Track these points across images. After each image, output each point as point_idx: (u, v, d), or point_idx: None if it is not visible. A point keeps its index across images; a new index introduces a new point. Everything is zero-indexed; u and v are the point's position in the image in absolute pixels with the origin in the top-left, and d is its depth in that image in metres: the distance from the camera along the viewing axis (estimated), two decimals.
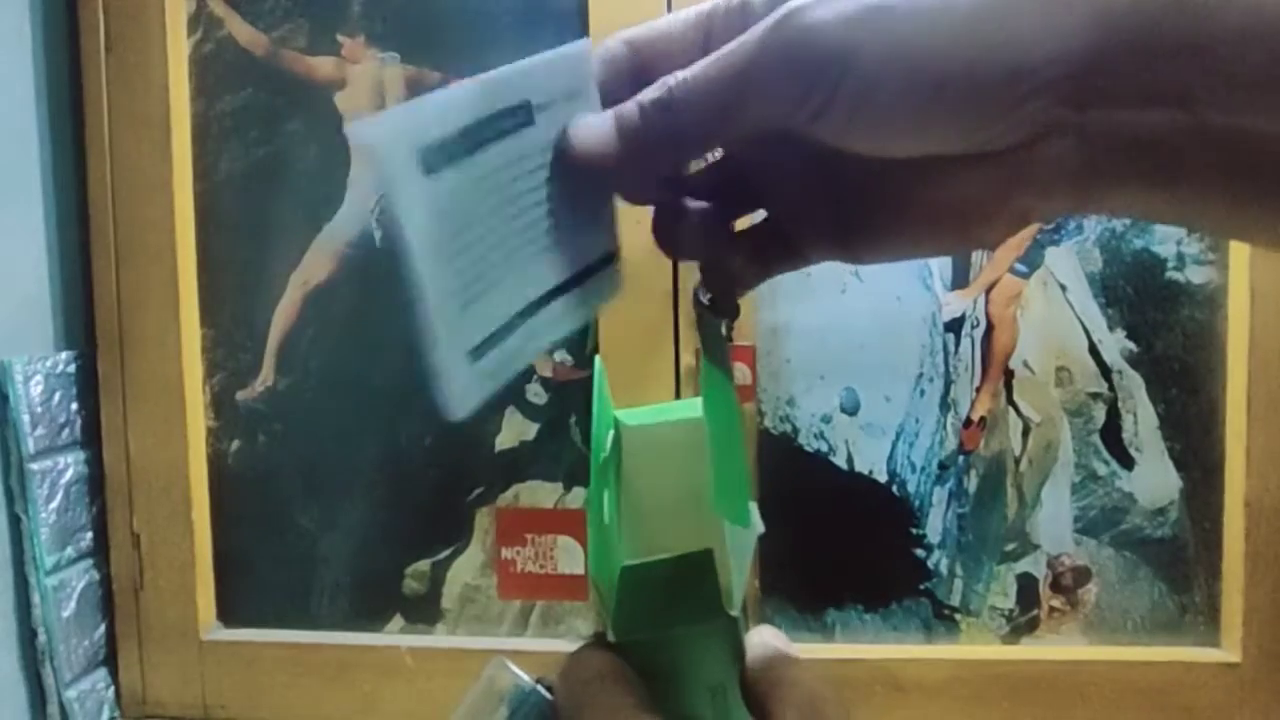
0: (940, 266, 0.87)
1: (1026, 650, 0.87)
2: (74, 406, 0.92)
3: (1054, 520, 0.87)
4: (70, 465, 0.91)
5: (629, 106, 0.28)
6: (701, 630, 0.29)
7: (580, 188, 0.29)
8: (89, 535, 0.93)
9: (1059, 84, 0.24)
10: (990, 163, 0.27)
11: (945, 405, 0.87)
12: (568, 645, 0.29)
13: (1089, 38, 0.24)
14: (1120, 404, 0.86)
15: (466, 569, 0.92)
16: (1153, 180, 0.25)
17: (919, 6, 0.24)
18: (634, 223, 0.33)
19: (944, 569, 0.88)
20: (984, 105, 0.25)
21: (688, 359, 0.86)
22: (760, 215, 0.34)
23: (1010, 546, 0.88)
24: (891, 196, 0.29)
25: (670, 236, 0.32)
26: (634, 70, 0.30)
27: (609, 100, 0.30)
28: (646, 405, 0.34)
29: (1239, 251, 0.83)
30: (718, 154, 0.34)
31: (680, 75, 0.27)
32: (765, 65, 0.26)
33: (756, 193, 0.33)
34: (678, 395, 0.87)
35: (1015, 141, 0.26)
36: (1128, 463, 0.86)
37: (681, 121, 0.27)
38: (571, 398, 0.90)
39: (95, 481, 0.93)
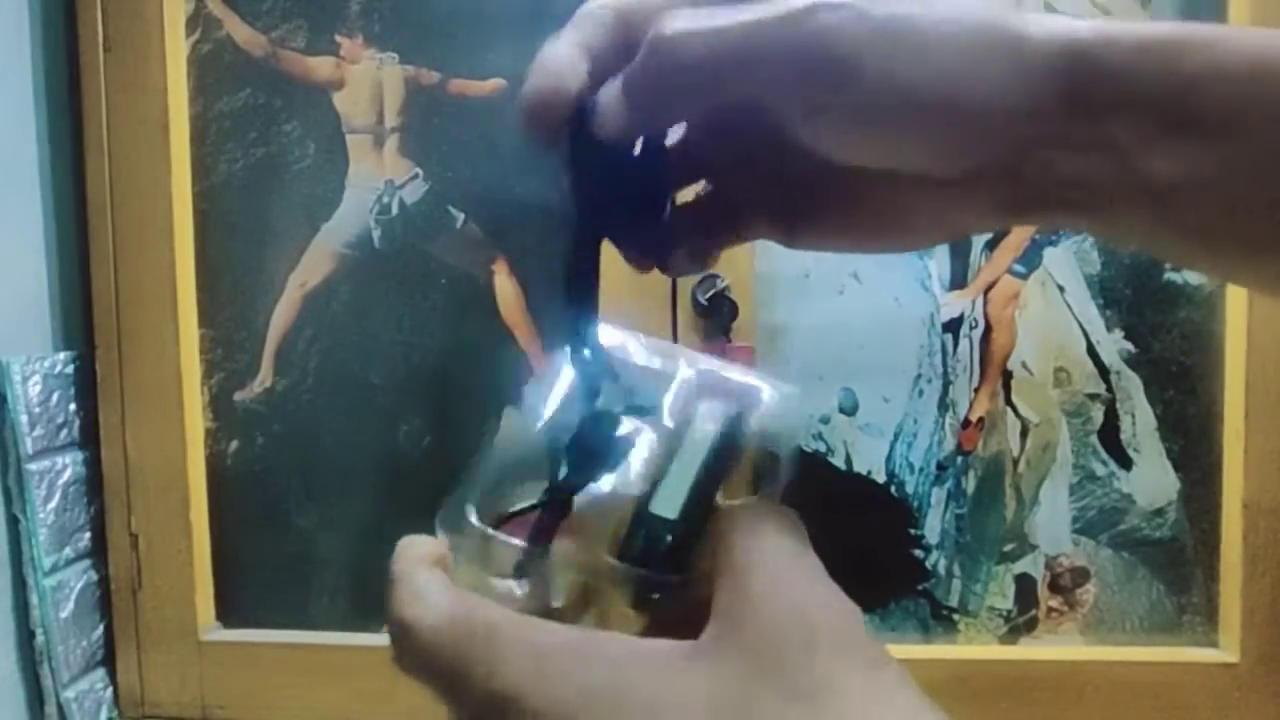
0: (939, 267, 0.87)
1: (1025, 650, 0.87)
2: (72, 407, 0.92)
3: (1052, 521, 0.87)
4: (68, 466, 0.91)
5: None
6: None
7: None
8: (87, 536, 0.93)
9: (1019, 127, 0.27)
10: (936, 182, 0.28)
11: (943, 406, 0.87)
12: None
13: (1047, 87, 0.26)
14: (1118, 405, 0.86)
15: None
16: (1079, 211, 0.28)
17: (926, 38, 0.26)
18: None
19: (942, 569, 0.88)
20: (961, 136, 0.27)
21: None
22: (702, 187, 0.34)
23: (1009, 547, 0.88)
24: (842, 196, 0.31)
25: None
26: (621, 39, 0.29)
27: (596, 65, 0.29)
28: None
29: None
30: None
31: (686, 25, 0.26)
32: (778, 48, 0.26)
33: (706, 164, 0.33)
34: None
35: (970, 171, 0.28)
36: (1126, 463, 0.86)
37: (681, 67, 0.26)
38: None
39: (93, 482, 0.93)
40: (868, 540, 0.89)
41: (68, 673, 0.89)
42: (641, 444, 0.30)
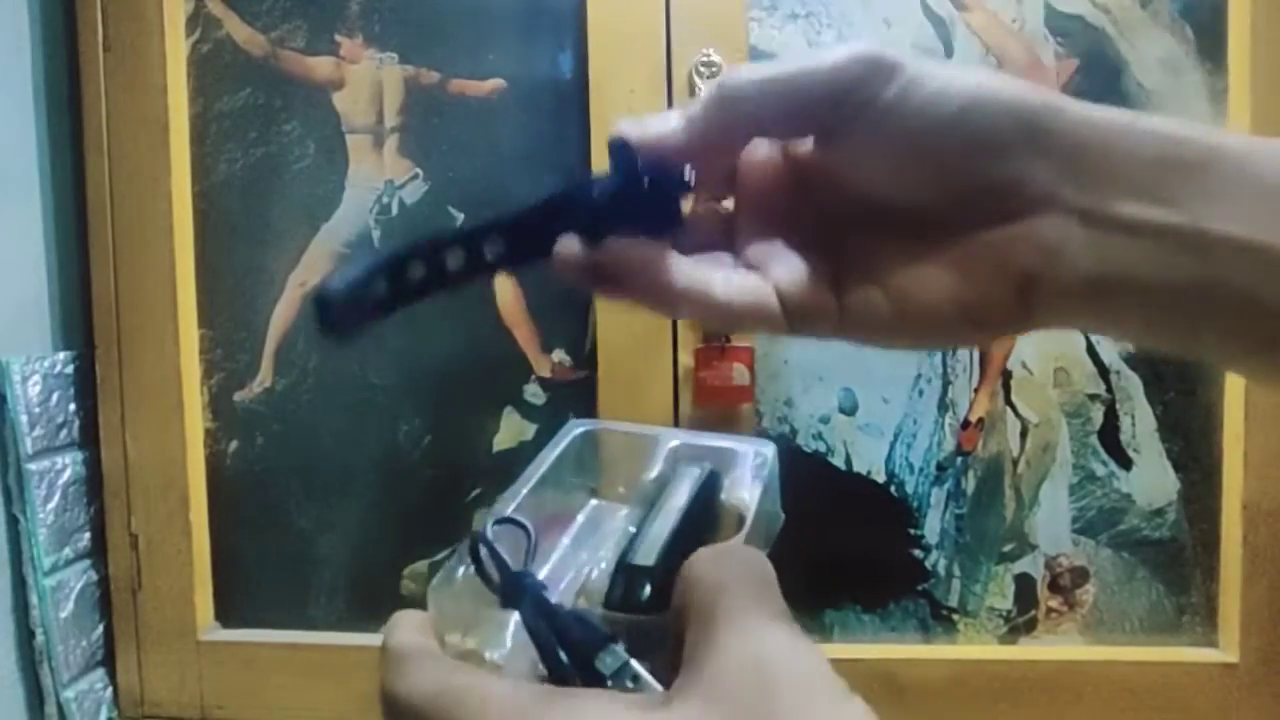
0: None
1: (1024, 651, 0.87)
2: (72, 407, 0.92)
3: (1052, 521, 0.87)
4: (68, 466, 0.91)
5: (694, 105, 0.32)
6: None
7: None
8: (87, 536, 0.93)
9: (1038, 158, 0.28)
10: (995, 237, 0.29)
11: (943, 406, 0.87)
12: None
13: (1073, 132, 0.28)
14: (1118, 405, 0.86)
15: None
16: (1151, 285, 0.28)
17: (941, 78, 0.29)
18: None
19: (942, 569, 0.88)
20: (959, 162, 0.29)
21: (685, 360, 0.86)
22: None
23: (1008, 547, 0.88)
24: (899, 279, 0.31)
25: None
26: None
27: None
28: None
29: None
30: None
31: (743, 71, 0.31)
32: (808, 81, 0.30)
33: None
34: (675, 395, 0.87)
35: (1004, 208, 0.29)
36: (1126, 463, 0.86)
37: (735, 99, 0.31)
38: (570, 398, 0.90)
39: (93, 482, 0.93)
40: (868, 540, 0.89)
41: (67, 673, 0.89)
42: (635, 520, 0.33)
